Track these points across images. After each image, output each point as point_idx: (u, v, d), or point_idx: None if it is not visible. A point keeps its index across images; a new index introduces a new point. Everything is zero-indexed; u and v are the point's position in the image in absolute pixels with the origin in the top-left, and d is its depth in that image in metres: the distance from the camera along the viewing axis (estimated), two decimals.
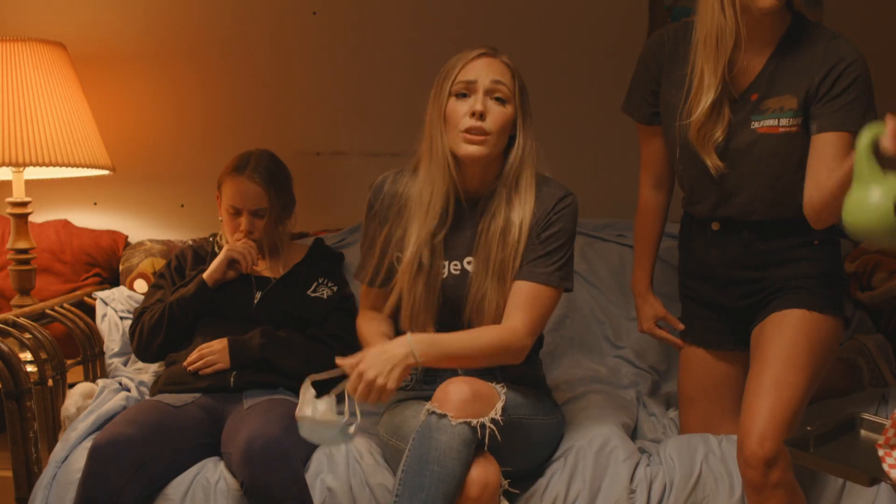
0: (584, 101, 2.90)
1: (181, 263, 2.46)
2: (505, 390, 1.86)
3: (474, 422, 1.77)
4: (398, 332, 2.05)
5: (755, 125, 1.93)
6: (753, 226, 1.99)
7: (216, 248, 2.46)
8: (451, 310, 2.01)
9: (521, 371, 1.99)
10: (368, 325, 2.08)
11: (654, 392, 2.47)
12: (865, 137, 1.58)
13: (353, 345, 2.37)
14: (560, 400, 2.29)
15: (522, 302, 1.94)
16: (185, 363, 2.23)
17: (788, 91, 1.91)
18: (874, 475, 1.49)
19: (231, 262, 2.32)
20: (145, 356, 2.38)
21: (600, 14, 2.89)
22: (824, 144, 1.85)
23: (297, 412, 1.78)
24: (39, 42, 2.68)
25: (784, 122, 1.92)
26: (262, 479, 1.87)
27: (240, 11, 2.94)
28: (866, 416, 1.66)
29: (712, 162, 1.96)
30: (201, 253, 2.47)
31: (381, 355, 1.81)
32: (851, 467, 1.56)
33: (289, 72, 2.96)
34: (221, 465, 2.04)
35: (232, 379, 2.21)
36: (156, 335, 2.31)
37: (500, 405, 1.81)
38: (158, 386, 2.27)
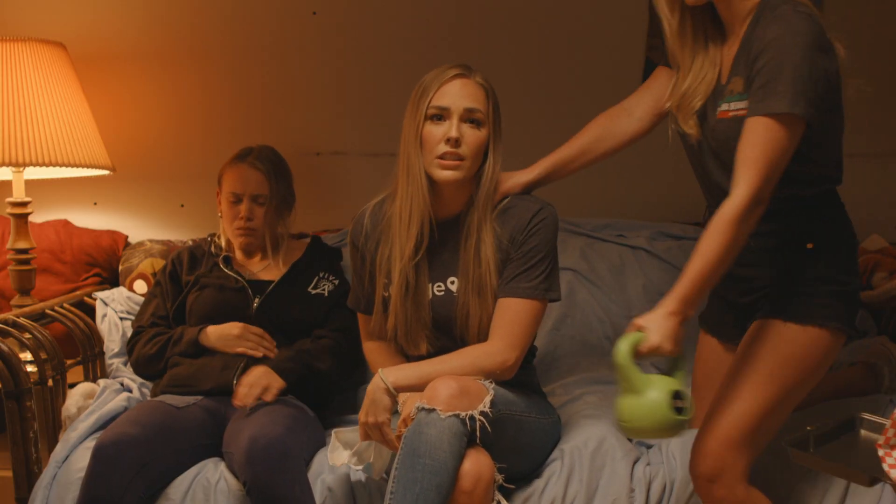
0: (583, 100, 2.89)
1: (176, 268, 2.44)
2: (494, 386, 1.87)
3: (463, 414, 1.78)
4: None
5: (718, 108, 1.88)
6: None
7: (213, 249, 2.45)
8: (441, 329, 2.04)
9: (514, 378, 1.99)
10: (372, 356, 2.15)
11: None
12: (624, 348, 1.67)
13: (360, 336, 2.31)
14: (556, 404, 2.29)
15: (504, 320, 1.96)
16: (234, 402, 2.12)
17: (739, 73, 1.84)
18: (874, 475, 1.49)
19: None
20: (143, 377, 2.40)
21: (600, 14, 2.89)
22: (744, 130, 1.75)
23: (330, 461, 1.95)
24: (39, 42, 2.68)
25: (733, 105, 1.84)
26: (264, 478, 1.87)
27: (240, 11, 2.94)
28: (866, 416, 1.66)
29: (689, 129, 1.92)
30: (198, 254, 2.46)
31: (366, 400, 1.89)
32: (851, 467, 1.56)
33: (289, 72, 2.96)
34: (222, 466, 2.04)
35: (235, 382, 2.20)
36: (152, 366, 2.33)
37: (488, 398, 1.82)
38: (160, 387, 2.27)
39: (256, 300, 2.33)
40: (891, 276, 2.60)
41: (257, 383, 2.11)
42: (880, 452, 1.49)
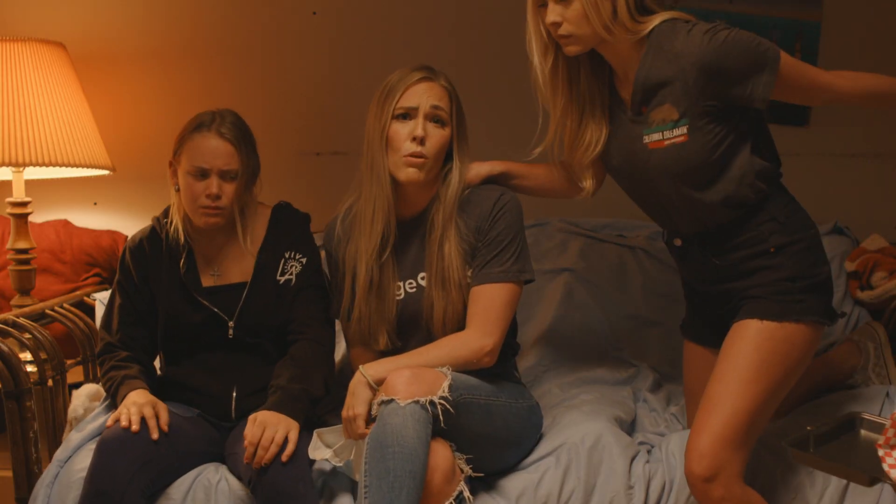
0: None
1: (142, 279, 2.16)
2: (452, 372, 1.88)
3: (423, 400, 1.80)
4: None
5: (646, 140, 1.92)
6: (704, 240, 1.97)
7: (170, 234, 2.16)
8: (409, 326, 2.07)
9: (486, 369, 2.00)
10: (358, 362, 2.12)
11: (656, 389, 2.46)
12: None
13: (327, 320, 2.21)
14: (553, 402, 2.29)
15: (479, 307, 1.99)
16: (245, 461, 1.90)
17: (667, 101, 1.88)
18: (874, 475, 1.49)
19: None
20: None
21: None
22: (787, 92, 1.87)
23: (311, 455, 1.94)
24: (39, 42, 2.68)
25: (668, 134, 1.89)
26: (269, 476, 1.87)
27: (240, 11, 2.94)
28: (866, 416, 1.66)
29: (586, 183, 2.06)
30: (155, 251, 2.17)
31: (347, 395, 1.93)
32: (851, 467, 1.56)
33: (289, 71, 2.96)
34: (223, 468, 2.04)
35: (233, 408, 2.14)
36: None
37: (446, 383, 1.84)
38: (164, 400, 2.19)
39: (231, 324, 2.13)
40: (890, 275, 2.60)
41: (274, 437, 1.89)
42: (880, 452, 1.49)
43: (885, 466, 1.47)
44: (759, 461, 1.98)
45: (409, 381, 1.82)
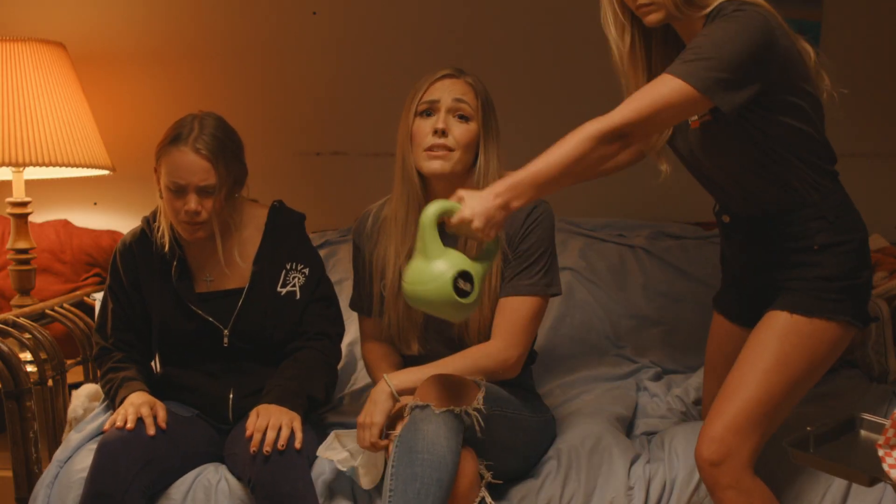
0: (583, 100, 2.89)
1: (134, 282, 2.15)
2: (485, 383, 1.88)
3: (457, 409, 1.79)
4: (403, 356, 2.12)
5: (690, 120, 1.91)
6: (751, 224, 1.98)
7: (159, 238, 2.13)
8: (437, 330, 2.05)
9: (508, 380, 2.00)
10: (371, 356, 2.14)
11: (657, 379, 2.46)
12: (432, 212, 1.65)
13: (336, 336, 2.22)
14: (554, 403, 2.29)
15: (505, 319, 1.99)
16: (253, 448, 1.89)
17: None
18: (874, 475, 1.49)
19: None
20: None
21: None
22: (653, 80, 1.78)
23: (318, 452, 1.95)
24: (39, 42, 2.68)
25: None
26: (269, 476, 1.87)
27: (240, 11, 2.94)
28: (866, 416, 1.66)
29: (662, 169, 2.01)
30: (146, 253, 2.16)
31: (368, 402, 1.91)
32: (851, 467, 1.56)
33: (289, 71, 2.96)
34: (223, 468, 2.04)
35: (230, 409, 2.13)
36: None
37: (481, 395, 1.83)
38: (164, 401, 2.15)
39: (225, 332, 2.11)
40: (891, 275, 2.60)
41: (281, 422, 1.91)
42: (880, 452, 1.49)
43: (885, 466, 1.47)
44: (760, 461, 1.98)
45: (445, 389, 1.80)
